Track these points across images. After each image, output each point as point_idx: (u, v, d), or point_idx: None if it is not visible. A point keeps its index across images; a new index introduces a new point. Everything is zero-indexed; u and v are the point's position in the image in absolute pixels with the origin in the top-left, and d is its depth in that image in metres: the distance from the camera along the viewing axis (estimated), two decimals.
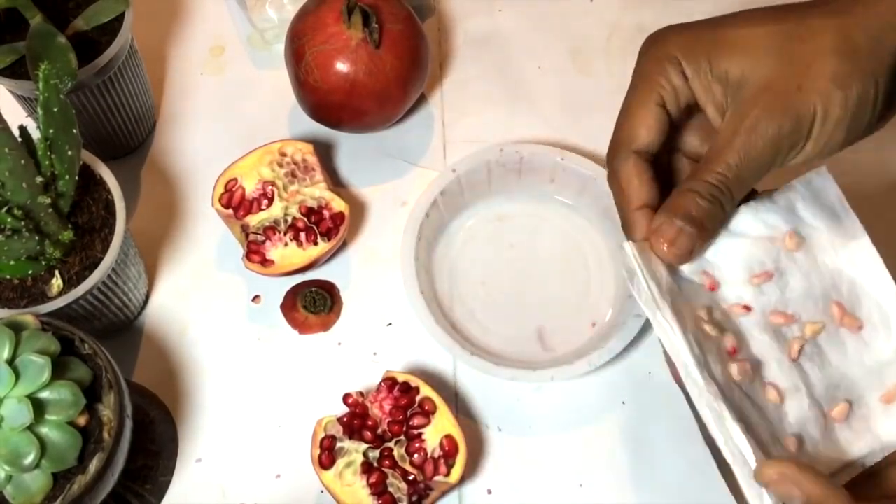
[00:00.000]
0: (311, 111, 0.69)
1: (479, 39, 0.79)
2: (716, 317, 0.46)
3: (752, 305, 0.47)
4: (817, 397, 0.46)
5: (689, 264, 0.47)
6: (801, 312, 0.47)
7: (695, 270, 0.47)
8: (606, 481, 0.61)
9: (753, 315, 0.47)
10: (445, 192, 0.66)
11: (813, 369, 0.47)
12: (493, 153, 0.67)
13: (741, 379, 0.45)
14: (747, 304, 0.47)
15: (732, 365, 0.45)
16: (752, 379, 0.45)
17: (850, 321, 0.48)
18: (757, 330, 0.47)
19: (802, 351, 0.47)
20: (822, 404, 0.46)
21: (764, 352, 0.46)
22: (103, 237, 0.57)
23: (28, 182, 0.51)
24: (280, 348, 0.65)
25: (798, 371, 0.46)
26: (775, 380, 0.46)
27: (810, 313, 0.48)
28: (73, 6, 0.63)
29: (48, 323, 0.51)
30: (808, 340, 0.47)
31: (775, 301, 0.47)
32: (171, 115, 0.74)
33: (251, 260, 0.63)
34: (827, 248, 0.48)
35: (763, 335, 0.47)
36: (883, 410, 0.46)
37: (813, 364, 0.47)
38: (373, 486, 0.56)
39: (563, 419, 0.63)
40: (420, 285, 0.63)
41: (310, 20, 0.66)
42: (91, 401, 0.48)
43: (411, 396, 0.59)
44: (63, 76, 0.55)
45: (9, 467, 0.46)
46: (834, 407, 0.46)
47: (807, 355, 0.47)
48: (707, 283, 0.47)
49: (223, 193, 0.65)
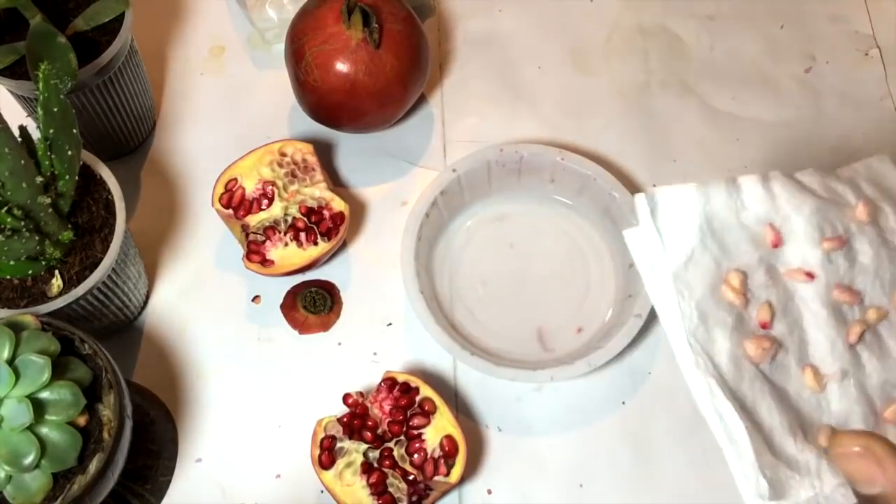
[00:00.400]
0: (311, 111, 0.69)
1: (479, 39, 0.79)
2: (752, 283, 0.41)
3: (816, 273, 0.41)
4: (869, 391, 0.41)
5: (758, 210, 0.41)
6: (867, 293, 0.42)
7: (762, 219, 0.41)
8: (606, 481, 0.61)
9: (816, 285, 0.41)
10: (445, 191, 0.66)
11: (871, 360, 0.41)
12: (493, 153, 0.67)
13: (759, 355, 0.40)
14: (811, 272, 0.41)
15: (749, 342, 0.40)
16: (776, 357, 0.40)
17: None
18: (816, 303, 0.41)
19: (863, 337, 0.41)
20: (875, 400, 0.41)
21: (817, 329, 0.41)
22: (103, 237, 0.57)
23: (28, 182, 0.51)
24: (280, 348, 0.65)
25: (852, 357, 0.41)
26: (820, 363, 0.41)
27: (877, 296, 0.42)
28: (72, 6, 0.63)
29: (48, 323, 0.51)
30: (872, 326, 0.42)
31: (843, 273, 0.42)
32: (171, 115, 0.74)
33: (251, 260, 0.63)
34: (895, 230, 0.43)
35: (822, 309, 0.41)
36: None
37: (872, 354, 0.41)
38: (373, 486, 0.56)
39: (563, 419, 0.63)
40: (420, 285, 0.63)
41: (310, 20, 0.66)
42: (91, 401, 0.48)
43: (411, 397, 0.59)
44: (63, 76, 0.55)
45: (9, 467, 0.46)
46: (889, 406, 0.41)
47: (866, 343, 0.41)
48: (771, 238, 0.41)
49: (223, 193, 0.65)
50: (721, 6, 0.81)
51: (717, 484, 0.61)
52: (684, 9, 0.81)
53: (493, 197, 0.69)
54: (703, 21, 0.80)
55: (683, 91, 0.77)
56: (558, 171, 0.68)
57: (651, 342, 0.65)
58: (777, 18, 0.81)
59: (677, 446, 0.62)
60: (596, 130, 0.74)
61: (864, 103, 0.76)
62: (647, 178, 0.72)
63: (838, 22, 0.80)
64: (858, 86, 0.77)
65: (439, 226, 0.68)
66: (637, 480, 0.61)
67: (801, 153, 0.74)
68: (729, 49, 0.79)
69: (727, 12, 0.81)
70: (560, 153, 0.67)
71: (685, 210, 0.41)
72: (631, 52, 0.79)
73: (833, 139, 0.74)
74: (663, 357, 0.65)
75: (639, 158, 0.73)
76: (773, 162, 0.73)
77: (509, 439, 0.63)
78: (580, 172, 0.67)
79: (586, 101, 0.76)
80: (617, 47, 0.79)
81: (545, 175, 0.68)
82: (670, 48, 0.79)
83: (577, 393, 0.64)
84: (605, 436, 0.63)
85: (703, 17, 0.81)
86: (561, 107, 0.76)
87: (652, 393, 0.64)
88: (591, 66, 0.78)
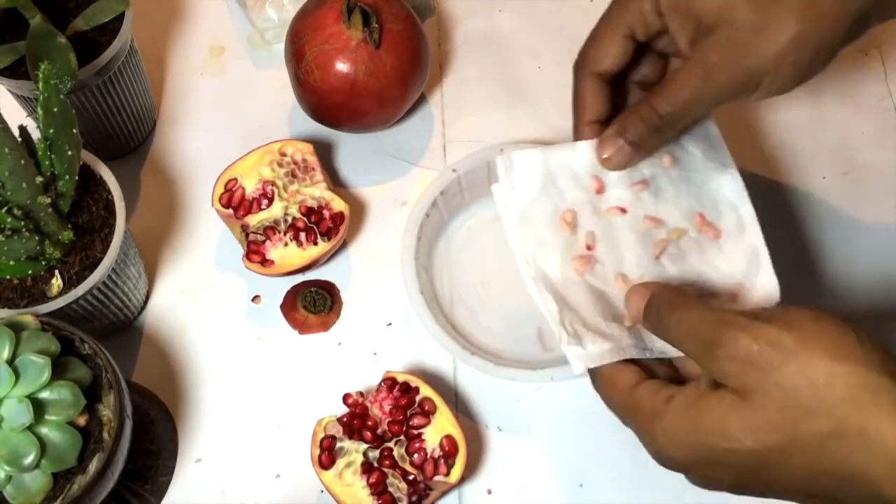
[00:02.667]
0: (311, 111, 0.69)
1: (479, 39, 0.79)
2: (581, 219, 0.55)
3: (628, 209, 0.55)
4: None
5: (587, 166, 0.55)
6: (669, 219, 0.55)
7: (590, 172, 0.56)
8: (606, 481, 0.61)
9: (628, 217, 0.55)
10: (445, 192, 0.66)
11: (672, 266, 0.54)
12: (493, 153, 0.67)
13: (582, 268, 0.53)
14: (624, 208, 0.55)
15: (576, 259, 0.54)
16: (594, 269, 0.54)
17: (708, 230, 0.55)
18: (628, 230, 0.55)
19: (665, 250, 0.54)
20: None
21: (628, 248, 0.54)
22: (103, 237, 0.57)
23: (28, 182, 0.51)
24: (280, 348, 0.65)
25: (655, 266, 0.54)
26: (629, 272, 0.54)
27: (676, 220, 0.55)
28: (72, 6, 0.63)
29: (48, 323, 0.51)
30: (672, 242, 0.55)
31: (649, 207, 0.55)
32: (170, 115, 0.74)
33: (251, 260, 0.63)
34: (699, 170, 0.56)
35: (632, 233, 0.54)
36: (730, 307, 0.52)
37: (672, 263, 0.54)
38: (373, 486, 0.56)
39: (563, 419, 0.63)
40: (420, 285, 0.63)
41: (310, 20, 0.66)
42: (91, 401, 0.48)
43: (411, 396, 0.59)
44: (63, 76, 0.55)
45: (9, 467, 0.46)
46: None
47: (669, 255, 0.54)
48: (596, 186, 0.56)
49: (223, 193, 0.65)
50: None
51: None
52: None
53: (493, 197, 0.69)
54: None
55: None
56: None
57: None
58: None
59: None
60: None
61: (865, 103, 0.76)
62: None
63: None
64: (858, 86, 0.77)
65: (439, 226, 0.68)
66: (637, 480, 0.61)
67: (800, 153, 0.74)
68: None
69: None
70: None
71: (531, 167, 0.55)
72: None
73: (833, 139, 0.74)
74: None
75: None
76: (773, 161, 0.73)
77: (509, 439, 0.62)
78: None
79: None
80: None
81: None
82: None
83: (577, 393, 0.64)
84: (605, 436, 0.62)
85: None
86: (561, 107, 0.75)
87: None
88: None
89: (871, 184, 0.72)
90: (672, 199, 0.56)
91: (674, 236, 0.55)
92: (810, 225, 0.70)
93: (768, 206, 0.71)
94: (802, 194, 0.72)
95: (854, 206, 0.71)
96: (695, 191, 0.56)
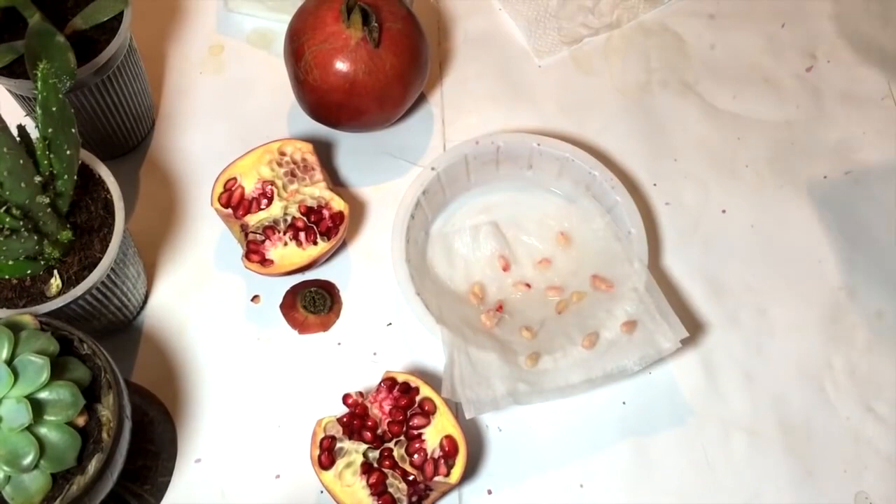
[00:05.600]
0: (311, 110, 0.69)
1: (479, 38, 0.79)
2: (489, 292, 0.65)
3: (532, 284, 0.66)
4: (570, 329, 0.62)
5: (494, 246, 0.67)
6: (569, 286, 0.65)
7: (496, 254, 0.66)
8: (606, 481, 0.61)
9: (533, 290, 0.65)
10: (427, 191, 0.66)
11: (572, 318, 0.63)
12: (470, 146, 0.67)
13: (490, 323, 0.63)
14: (528, 283, 0.66)
15: (484, 315, 0.63)
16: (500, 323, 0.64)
17: (601, 283, 0.64)
18: (533, 298, 0.65)
19: (567, 308, 0.64)
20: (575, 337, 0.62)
21: (533, 311, 0.64)
22: (102, 237, 0.57)
23: (27, 182, 0.51)
24: (280, 348, 0.65)
25: (557, 318, 0.64)
26: (532, 324, 0.64)
27: (575, 286, 0.65)
28: (71, 5, 0.62)
29: (47, 323, 0.50)
30: (574, 303, 0.64)
31: (550, 278, 0.66)
32: (170, 114, 0.74)
33: (251, 259, 0.63)
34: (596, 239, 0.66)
35: (537, 300, 0.65)
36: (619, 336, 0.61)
37: (572, 315, 0.64)
38: (373, 486, 0.56)
39: (563, 419, 0.63)
40: (415, 287, 0.63)
41: (309, 19, 0.65)
42: (90, 401, 0.48)
43: (411, 397, 0.58)
44: (62, 75, 0.55)
45: (8, 468, 0.45)
46: (587, 336, 0.61)
47: (571, 311, 0.64)
48: (502, 265, 0.66)
49: (222, 193, 0.65)
50: (722, 5, 0.81)
51: (717, 484, 0.61)
52: (685, 7, 0.81)
53: (473, 189, 0.70)
54: (704, 20, 0.80)
55: (684, 90, 0.76)
56: (535, 157, 0.68)
57: None
58: (778, 17, 0.81)
59: (677, 446, 0.62)
60: (596, 129, 0.74)
61: (865, 103, 0.76)
62: (647, 177, 0.72)
63: (839, 21, 0.80)
64: (859, 85, 0.77)
65: (424, 226, 0.68)
66: (637, 480, 0.61)
67: (801, 152, 0.74)
68: (730, 48, 0.79)
69: (728, 11, 0.81)
70: (536, 139, 0.67)
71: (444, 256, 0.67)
72: (631, 51, 0.79)
73: (833, 139, 0.74)
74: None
75: (639, 157, 0.73)
76: (773, 161, 0.73)
77: (509, 439, 0.62)
78: (557, 155, 0.67)
79: (587, 100, 0.76)
80: (617, 46, 0.79)
81: (523, 162, 0.68)
82: (671, 47, 0.79)
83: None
84: (605, 436, 0.62)
85: (704, 15, 0.81)
86: (561, 106, 0.75)
87: (652, 393, 0.64)
88: (592, 64, 0.78)
89: (873, 183, 0.72)
90: (569, 271, 0.66)
91: (574, 299, 0.65)
92: (812, 224, 0.70)
93: (768, 206, 0.72)
94: (804, 194, 0.72)
95: (855, 206, 0.71)
96: (590, 258, 0.65)
